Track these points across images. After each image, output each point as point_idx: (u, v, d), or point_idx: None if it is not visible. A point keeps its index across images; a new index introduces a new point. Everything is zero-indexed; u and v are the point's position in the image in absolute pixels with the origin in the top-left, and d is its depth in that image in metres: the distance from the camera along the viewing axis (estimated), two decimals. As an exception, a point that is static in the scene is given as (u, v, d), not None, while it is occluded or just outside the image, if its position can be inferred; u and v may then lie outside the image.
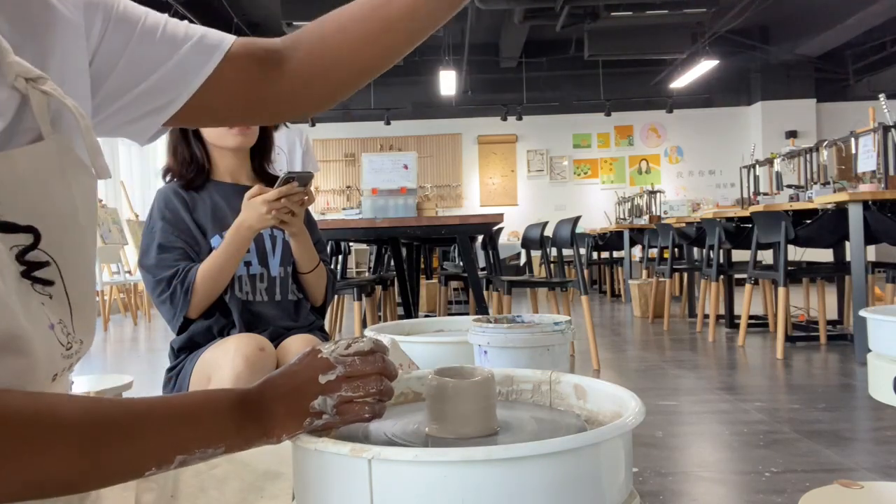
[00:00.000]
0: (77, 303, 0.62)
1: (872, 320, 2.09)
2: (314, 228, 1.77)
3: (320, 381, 0.63)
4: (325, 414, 0.64)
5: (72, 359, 0.62)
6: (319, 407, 0.63)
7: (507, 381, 0.95)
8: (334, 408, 0.64)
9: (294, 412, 0.63)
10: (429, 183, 11.15)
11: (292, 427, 0.63)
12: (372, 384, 0.65)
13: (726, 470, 2.07)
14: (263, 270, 1.61)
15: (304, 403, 0.63)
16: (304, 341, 1.50)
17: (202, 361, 1.45)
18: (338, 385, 0.64)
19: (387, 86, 10.83)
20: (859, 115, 7.09)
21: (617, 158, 11.37)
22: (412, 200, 3.17)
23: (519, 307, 6.94)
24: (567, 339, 1.27)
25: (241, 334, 1.45)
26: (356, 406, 0.65)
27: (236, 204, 1.60)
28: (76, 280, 0.62)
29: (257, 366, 1.35)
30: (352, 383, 0.64)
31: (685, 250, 6.08)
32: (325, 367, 0.64)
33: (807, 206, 4.01)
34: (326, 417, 0.64)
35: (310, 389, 0.63)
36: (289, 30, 7.79)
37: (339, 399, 0.64)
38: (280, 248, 1.65)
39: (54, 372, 0.60)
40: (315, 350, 0.65)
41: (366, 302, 3.86)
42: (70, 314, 0.61)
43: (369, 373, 0.65)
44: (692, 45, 8.84)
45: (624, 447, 0.70)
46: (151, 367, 4.05)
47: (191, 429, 0.59)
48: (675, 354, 4.17)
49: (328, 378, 0.64)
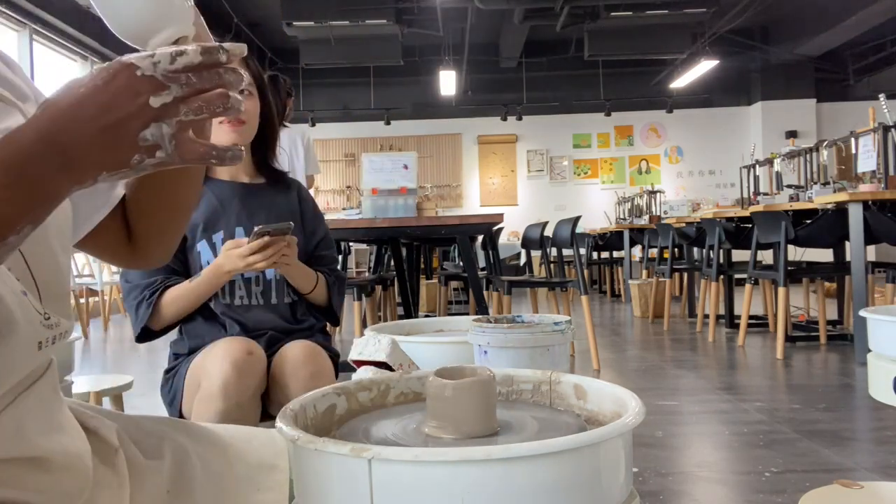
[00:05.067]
0: (46, 290, 0.62)
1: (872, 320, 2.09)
2: (320, 223, 1.71)
3: (152, 105, 0.51)
4: (159, 149, 0.52)
5: (53, 331, 0.61)
6: (153, 138, 0.51)
7: (507, 381, 0.95)
8: (172, 138, 0.52)
9: (116, 145, 0.51)
10: (429, 183, 11.15)
11: (113, 163, 0.51)
12: (217, 104, 0.53)
13: (726, 470, 2.07)
14: (259, 274, 1.57)
15: (129, 134, 0.51)
16: (303, 347, 1.46)
17: (193, 366, 1.43)
18: (175, 108, 0.52)
19: (387, 86, 10.83)
20: (859, 115, 7.08)
21: (617, 158, 11.36)
22: (412, 200, 3.17)
23: (519, 307, 6.94)
24: (567, 339, 1.27)
25: (229, 338, 1.42)
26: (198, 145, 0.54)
27: (234, 203, 1.58)
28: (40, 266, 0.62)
29: (245, 370, 1.33)
30: (191, 105, 0.52)
31: (685, 250, 6.08)
32: (155, 86, 0.51)
33: (807, 206, 4.01)
34: (161, 155, 0.52)
35: (138, 115, 0.51)
36: (289, 30, 7.80)
37: (177, 126, 0.52)
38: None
39: (38, 339, 0.59)
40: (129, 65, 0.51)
41: (366, 302, 3.86)
42: (38, 294, 0.61)
43: (210, 90, 0.53)
44: (692, 45, 8.84)
45: (624, 447, 0.70)
46: (151, 368, 4.05)
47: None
48: (675, 354, 4.17)
49: (163, 100, 0.51)
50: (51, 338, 0.62)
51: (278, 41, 9.61)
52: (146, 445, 0.77)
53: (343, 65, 9.18)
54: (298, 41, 8.52)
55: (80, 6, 7.15)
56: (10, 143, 0.50)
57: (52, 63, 7.22)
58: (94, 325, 6.30)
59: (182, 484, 0.77)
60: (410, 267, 4.93)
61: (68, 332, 0.65)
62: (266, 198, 1.64)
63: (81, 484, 0.66)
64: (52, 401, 0.66)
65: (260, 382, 1.40)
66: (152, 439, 0.78)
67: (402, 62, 8.90)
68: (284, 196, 1.68)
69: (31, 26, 6.59)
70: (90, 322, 6.03)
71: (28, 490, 0.60)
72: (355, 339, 1.37)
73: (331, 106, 10.91)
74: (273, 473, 0.83)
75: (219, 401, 1.30)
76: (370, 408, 0.93)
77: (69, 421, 0.69)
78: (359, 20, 7.72)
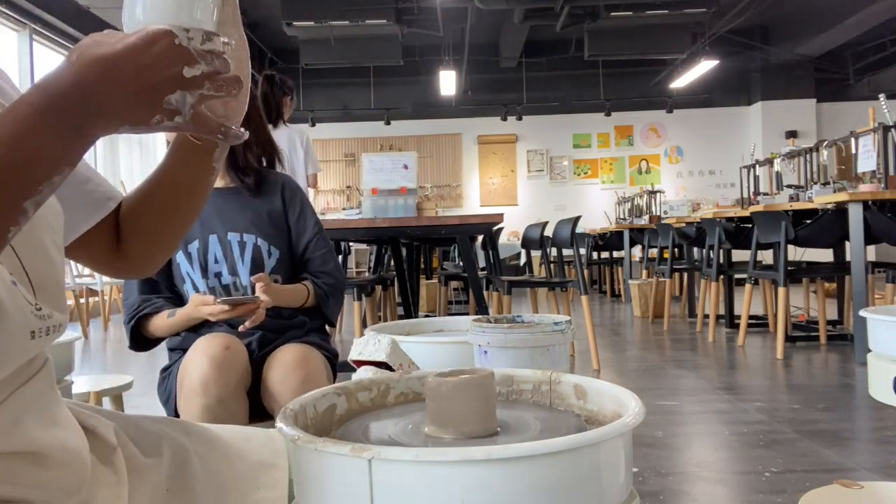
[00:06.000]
0: (39, 284, 0.63)
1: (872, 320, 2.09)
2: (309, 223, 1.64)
3: (185, 75, 0.55)
4: (178, 115, 0.56)
5: (46, 322, 0.62)
6: (176, 104, 0.55)
7: (507, 381, 0.95)
8: (191, 108, 0.56)
9: (145, 104, 0.54)
10: (429, 183, 11.15)
11: (136, 119, 0.55)
12: (233, 85, 0.59)
13: (726, 470, 2.07)
14: (235, 279, 1.56)
15: (158, 97, 0.55)
16: (293, 352, 1.45)
17: (181, 366, 1.43)
18: (201, 82, 0.56)
19: (387, 86, 10.83)
20: (859, 115, 7.09)
21: (617, 158, 11.37)
22: (412, 200, 3.17)
23: (519, 307, 6.94)
24: (567, 339, 1.27)
25: (208, 335, 1.41)
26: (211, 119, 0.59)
27: (208, 209, 1.55)
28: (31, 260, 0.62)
29: (224, 366, 1.33)
30: (214, 82, 0.57)
31: (685, 250, 6.08)
32: (189, 59, 0.55)
33: (807, 206, 4.01)
34: (178, 120, 0.56)
35: (171, 81, 0.54)
36: (289, 30, 7.81)
37: (199, 98, 0.57)
38: (249, 255, 1.57)
39: (30, 329, 0.60)
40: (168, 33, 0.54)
41: (366, 302, 3.86)
42: (31, 287, 0.62)
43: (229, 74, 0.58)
44: (692, 45, 8.84)
45: (624, 447, 0.70)
46: (151, 368, 4.04)
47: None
48: (675, 354, 4.17)
49: (194, 73, 0.55)
50: (44, 329, 0.62)
51: (278, 41, 9.61)
52: (145, 444, 0.77)
53: (343, 65, 9.19)
54: (298, 41, 8.52)
55: (80, 6, 7.16)
56: (45, 90, 0.53)
57: (52, 63, 7.23)
58: (94, 325, 6.30)
59: (182, 482, 0.77)
60: (410, 267, 4.93)
61: (62, 326, 0.65)
62: (242, 202, 1.60)
63: (79, 480, 0.66)
64: (50, 397, 0.66)
65: (241, 377, 1.39)
66: (151, 438, 0.78)
67: (402, 62, 8.90)
68: (264, 199, 1.63)
69: (31, 26, 6.59)
70: (90, 322, 6.03)
71: (26, 486, 0.60)
72: (355, 339, 1.37)
73: (331, 106, 10.92)
74: (273, 472, 0.83)
75: (200, 396, 1.30)
76: (370, 408, 0.93)
77: (67, 417, 0.69)
78: (359, 20, 7.73)
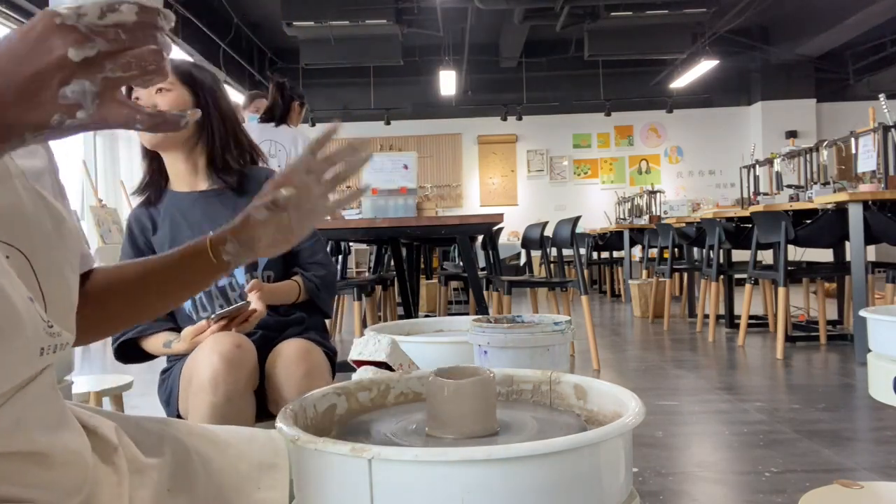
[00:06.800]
0: (52, 303, 0.63)
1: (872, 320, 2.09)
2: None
3: (71, 58, 0.45)
4: (80, 110, 0.46)
5: (55, 339, 0.61)
6: (74, 95, 0.46)
7: (507, 381, 0.95)
8: (95, 97, 0.46)
9: (35, 101, 0.45)
10: (429, 183, 11.14)
11: (33, 121, 0.46)
12: (150, 60, 0.48)
13: (726, 470, 2.07)
14: (231, 279, 1.56)
15: (48, 90, 0.45)
16: (296, 346, 1.45)
17: (186, 366, 1.43)
18: (100, 64, 0.46)
19: (387, 86, 10.83)
20: (859, 115, 7.08)
21: (617, 158, 11.36)
22: (412, 200, 3.17)
23: (519, 307, 6.93)
24: (567, 339, 1.27)
25: (217, 333, 1.41)
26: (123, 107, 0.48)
27: (195, 213, 1.55)
28: (48, 277, 0.62)
29: (234, 363, 1.32)
30: (119, 61, 0.47)
31: (685, 250, 6.08)
32: (76, 38, 0.45)
33: (807, 206, 4.01)
34: (81, 115, 0.46)
35: (57, 68, 0.45)
36: (289, 30, 7.80)
37: (102, 84, 0.46)
38: None
39: (41, 345, 0.60)
40: (50, 14, 0.45)
41: (366, 302, 3.86)
42: (44, 305, 0.62)
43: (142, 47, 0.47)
44: (692, 45, 8.84)
45: (624, 447, 0.70)
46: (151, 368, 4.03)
47: None
48: (675, 354, 4.17)
49: (85, 54, 0.45)
50: (52, 346, 0.62)
51: (278, 41, 9.61)
52: (146, 444, 0.77)
53: (343, 65, 9.18)
54: (298, 41, 8.52)
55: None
56: None
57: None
58: (94, 325, 6.29)
59: (183, 482, 0.77)
60: (410, 267, 4.93)
61: (69, 344, 0.65)
62: (228, 202, 1.59)
63: (81, 480, 0.66)
64: (51, 397, 0.66)
65: (250, 375, 1.39)
66: (152, 438, 0.78)
67: (402, 62, 8.90)
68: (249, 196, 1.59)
69: (31, 26, 6.59)
70: (90, 322, 6.02)
71: (28, 486, 0.61)
72: (355, 339, 1.37)
73: (331, 106, 10.91)
74: (274, 472, 0.83)
75: (209, 394, 1.30)
76: (370, 408, 0.93)
77: (68, 418, 0.69)
78: (359, 20, 7.72)
